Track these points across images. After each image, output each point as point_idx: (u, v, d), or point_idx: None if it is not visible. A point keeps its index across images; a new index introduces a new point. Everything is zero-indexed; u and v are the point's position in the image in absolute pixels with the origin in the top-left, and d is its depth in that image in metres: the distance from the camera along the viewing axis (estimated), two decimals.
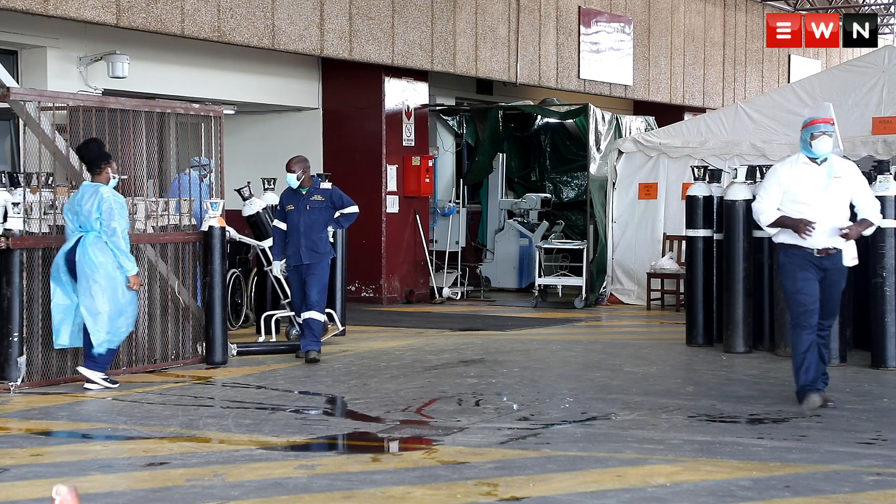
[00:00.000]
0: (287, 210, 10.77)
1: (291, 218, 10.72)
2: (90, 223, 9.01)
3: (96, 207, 8.98)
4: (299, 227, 10.70)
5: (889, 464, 6.58)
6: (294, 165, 10.76)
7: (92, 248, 9.00)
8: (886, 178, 10.26)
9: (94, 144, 9.25)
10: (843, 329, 10.34)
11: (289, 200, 10.81)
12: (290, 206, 10.77)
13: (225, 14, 13.53)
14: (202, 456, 6.81)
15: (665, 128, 16.88)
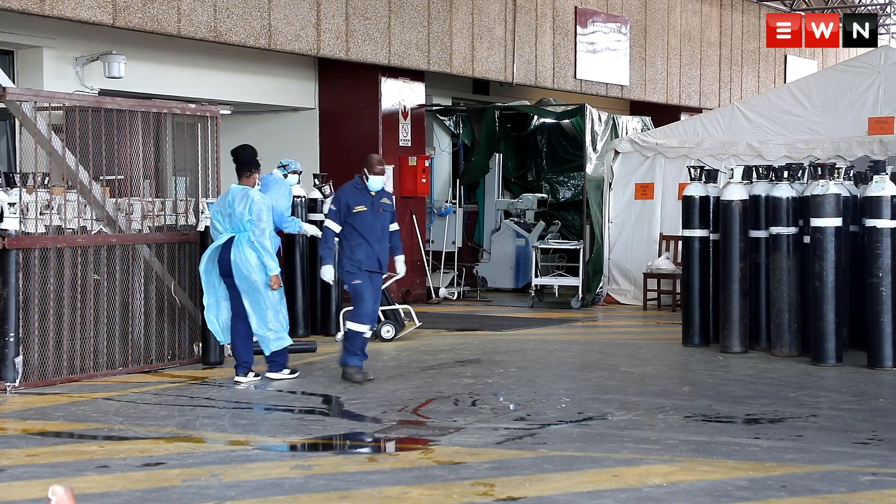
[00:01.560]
0: (356, 211, 9.68)
1: (363, 220, 9.67)
2: (242, 224, 9.47)
3: (248, 210, 9.45)
4: (375, 230, 9.70)
5: (885, 464, 6.59)
6: (381, 165, 9.84)
7: (247, 247, 9.47)
8: (882, 179, 10.26)
9: (250, 150, 9.92)
10: (839, 329, 10.35)
11: (358, 200, 9.72)
12: (360, 206, 9.69)
13: (221, 14, 13.52)
14: (198, 456, 6.81)
15: (661, 128, 16.88)
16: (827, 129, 14.77)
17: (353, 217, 9.67)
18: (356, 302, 9.63)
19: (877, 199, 10.19)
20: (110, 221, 9.95)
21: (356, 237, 9.67)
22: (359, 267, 9.64)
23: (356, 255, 9.66)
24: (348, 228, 9.69)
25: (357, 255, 9.66)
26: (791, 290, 10.76)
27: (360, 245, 9.66)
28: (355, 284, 9.63)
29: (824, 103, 14.90)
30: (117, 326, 9.89)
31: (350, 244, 9.68)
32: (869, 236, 10.28)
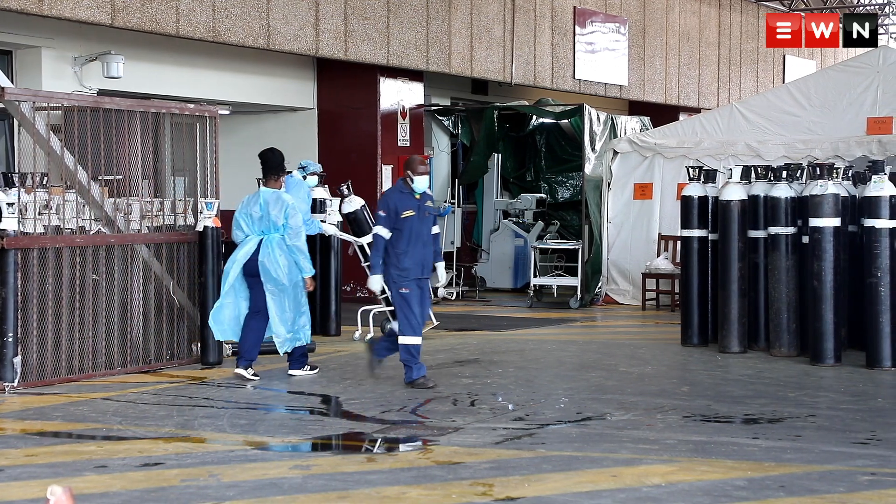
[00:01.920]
0: (404, 216, 9.27)
1: (411, 226, 9.27)
2: (275, 227, 9.62)
3: (284, 214, 9.62)
4: (422, 235, 9.34)
5: (884, 463, 6.59)
6: (424, 165, 9.47)
7: (277, 249, 9.60)
8: (881, 179, 10.26)
9: (278, 154, 10.04)
10: (837, 329, 10.35)
11: (405, 205, 9.30)
12: (408, 211, 9.28)
13: (220, 14, 13.52)
14: (197, 456, 6.81)
15: (660, 128, 16.88)
16: (825, 129, 14.77)
17: (400, 222, 9.26)
18: (403, 312, 9.24)
19: (875, 199, 10.19)
20: (109, 221, 9.94)
21: (403, 243, 9.28)
22: (406, 275, 9.26)
23: (403, 262, 9.26)
24: (396, 235, 9.27)
25: (404, 262, 9.26)
26: (790, 290, 10.76)
27: (407, 252, 9.27)
28: (404, 294, 9.24)
29: (823, 103, 14.90)
30: (116, 326, 9.88)
31: (397, 251, 9.26)
32: (867, 236, 10.28)
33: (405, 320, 9.26)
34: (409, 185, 9.36)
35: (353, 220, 12.35)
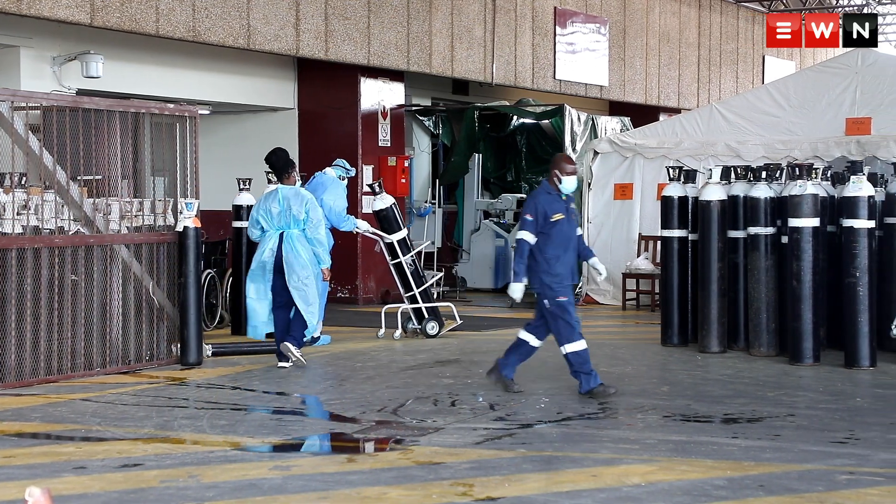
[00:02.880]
0: (553, 220, 8.78)
1: (560, 229, 8.79)
2: (296, 222, 10.09)
3: (305, 208, 10.09)
4: (571, 239, 8.88)
5: (862, 463, 6.62)
6: (573, 164, 9.03)
7: (298, 244, 10.08)
8: (860, 179, 10.31)
9: (281, 153, 10.46)
10: (816, 329, 10.39)
11: (554, 208, 8.81)
12: (557, 214, 8.78)
13: (200, 14, 13.49)
14: (177, 457, 6.79)
15: (640, 128, 16.93)
16: (805, 129, 14.83)
17: (549, 227, 8.75)
18: (564, 319, 8.74)
19: (854, 199, 10.24)
20: (88, 222, 9.91)
21: (553, 248, 8.76)
22: (561, 281, 8.77)
23: (555, 268, 8.76)
24: (543, 239, 8.75)
25: (556, 268, 8.75)
26: (769, 289, 10.80)
27: (558, 257, 8.77)
28: (561, 302, 8.75)
29: (802, 104, 14.97)
30: (95, 327, 9.85)
31: (546, 256, 8.75)
32: (846, 236, 10.33)
33: (567, 327, 8.74)
34: (556, 186, 8.84)
35: (382, 217, 12.45)
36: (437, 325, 12.38)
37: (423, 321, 12.33)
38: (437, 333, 12.33)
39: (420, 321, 12.37)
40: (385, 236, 12.41)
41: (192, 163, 10.71)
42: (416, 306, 12.33)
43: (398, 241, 12.30)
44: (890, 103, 14.33)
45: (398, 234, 12.33)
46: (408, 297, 12.30)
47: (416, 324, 12.36)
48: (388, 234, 12.41)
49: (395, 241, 12.30)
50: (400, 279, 12.38)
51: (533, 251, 8.80)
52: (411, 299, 12.29)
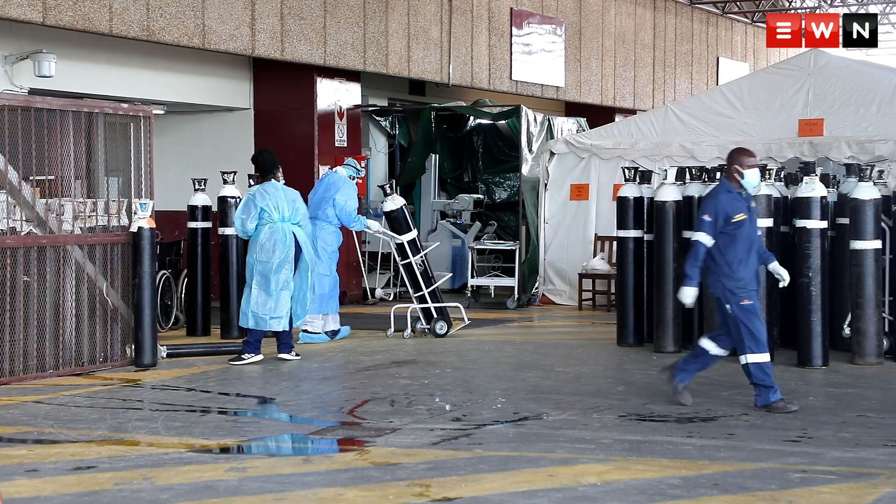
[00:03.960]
0: (735, 220, 8.29)
1: (743, 230, 8.29)
2: (296, 216, 10.77)
3: (300, 203, 10.86)
4: (755, 241, 8.41)
5: (815, 461, 6.69)
6: (754, 157, 8.53)
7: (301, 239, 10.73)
8: (812, 180, 10.41)
9: (268, 154, 11.09)
10: (770, 328, 10.47)
11: (736, 208, 8.32)
12: (739, 214, 8.30)
13: (154, 13, 13.39)
14: (131, 459, 6.74)
15: (596, 129, 16.99)
16: (758, 130, 14.96)
17: (731, 228, 8.27)
18: (748, 327, 8.28)
19: (806, 199, 10.34)
20: (40, 222, 9.81)
21: (735, 251, 8.27)
22: (745, 286, 8.29)
23: (739, 272, 8.27)
24: (724, 241, 8.26)
25: (740, 272, 8.27)
26: None
27: (741, 261, 8.28)
28: (746, 306, 8.27)
29: (756, 105, 15.09)
30: (48, 328, 9.75)
31: (728, 259, 8.27)
32: (799, 237, 10.43)
33: (750, 336, 8.26)
34: (737, 183, 8.36)
35: (393, 218, 12.58)
36: (445, 324, 12.50)
37: (432, 321, 12.45)
38: (445, 333, 12.44)
39: (429, 321, 12.49)
40: (395, 237, 12.55)
41: (147, 163, 10.63)
42: (425, 306, 12.50)
43: (408, 242, 12.46)
44: (841, 105, 14.49)
45: (408, 235, 12.49)
46: (417, 298, 12.48)
47: (425, 323, 12.49)
48: (398, 234, 12.55)
49: (405, 241, 12.45)
50: (409, 279, 12.54)
51: (712, 254, 8.32)
52: (420, 299, 12.47)
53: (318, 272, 11.62)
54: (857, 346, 10.41)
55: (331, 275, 12.09)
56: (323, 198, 12.21)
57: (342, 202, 12.04)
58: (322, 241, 12.05)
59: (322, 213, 12.13)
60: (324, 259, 12.01)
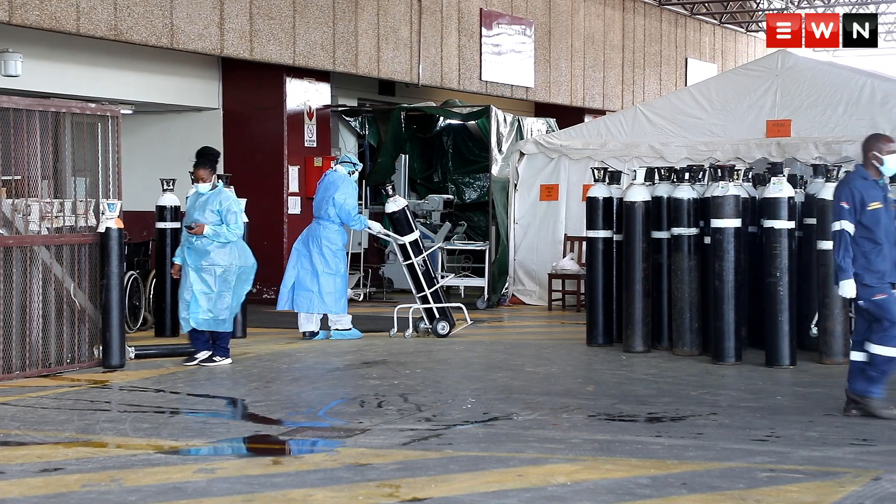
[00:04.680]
0: (871, 209, 7.98)
1: (878, 219, 7.99)
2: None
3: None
4: (890, 231, 8.04)
5: (782, 460, 6.73)
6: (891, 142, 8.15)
7: None
8: (780, 180, 10.47)
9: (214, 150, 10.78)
10: (738, 328, 10.53)
11: (871, 195, 8.02)
12: (875, 203, 8.00)
13: (122, 12, 13.32)
14: (98, 461, 6.70)
15: (566, 130, 17.03)
16: (726, 131, 15.04)
17: (866, 216, 7.96)
18: (883, 320, 7.93)
19: (774, 200, 10.39)
20: (7, 223, 9.73)
21: (870, 241, 7.98)
22: (880, 279, 7.95)
23: (875, 264, 7.94)
24: (859, 231, 7.98)
25: (876, 263, 7.94)
26: (692, 290, 10.92)
27: (875, 250, 7.97)
28: (879, 300, 7.93)
29: (724, 106, 15.18)
30: (14, 330, 9.67)
31: (863, 250, 7.98)
32: (767, 237, 10.48)
33: (880, 329, 7.96)
34: (874, 170, 8.07)
35: (396, 219, 12.64)
36: (447, 325, 12.56)
37: (434, 321, 12.53)
38: (447, 333, 12.50)
39: (431, 321, 12.56)
40: (398, 238, 12.61)
41: (115, 163, 10.57)
42: (428, 306, 12.56)
43: (410, 243, 12.54)
44: (809, 105, 14.59)
45: (410, 236, 12.58)
46: (419, 298, 12.56)
47: (428, 324, 12.56)
48: (400, 235, 12.62)
49: (407, 242, 12.52)
50: (412, 280, 12.61)
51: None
52: (423, 300, 12.54)
53: (324, 271, 12.05)
54: (824, 346, 10.48)
55: (336, 273, 12.22)
56: (323, 197, 12.38)
57: (341, 200, 12.17)
58: (326, 239, 12.23)
59: (324, 213, 12.30)
60: (328, 258, 12.20)
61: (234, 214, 10.36)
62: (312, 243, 12.26)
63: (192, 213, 10.45)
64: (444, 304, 12.69)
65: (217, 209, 10.36)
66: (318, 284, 12.16)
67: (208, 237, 10.29)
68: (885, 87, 14.51)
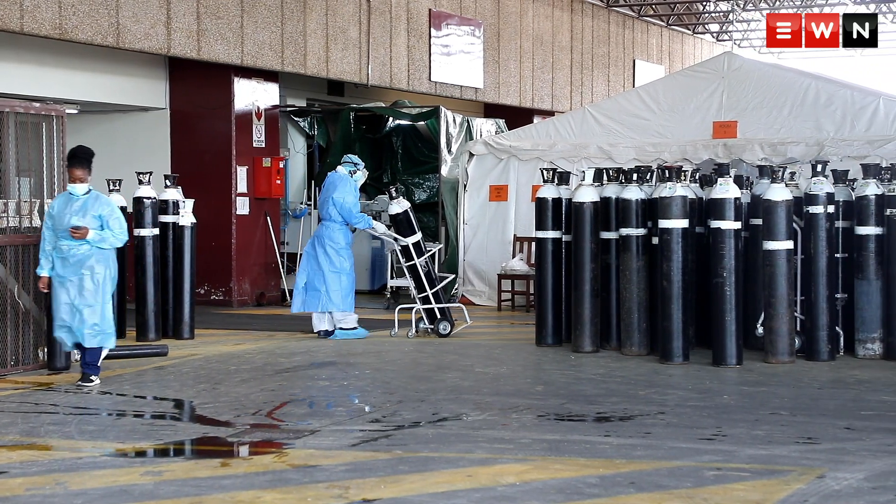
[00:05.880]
0: None
1: None
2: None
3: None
4: None
5: (729, 459, 6.78)
6: None
7: None
8: (726, 181, 10.56)
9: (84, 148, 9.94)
10: (685, 328, 10.61)
11: None
12: None
13: (67, 11, 13.17)
14: (43, 464, 6.62)
15: (515, 130, 17.08)
16: (674, 132, 15.16)
17: None
18: None
19: (721, 200, 10.48)
20: None
21: None
22: None
23: None
24: None
25: None
26: (640, 290, 10.99)
27: None
28: None
29: (671, 107, 15.30)
30: None
31: None
32: (714, 237, 10.57)
33: None
34: None
35: (399, 221, 12.77)
36: (448, 325, 12.70)
37: (436, 321, 12.66)
38: (448, 333, 12.62)
39: (432, 321, 12.69)
40: (401, 239, 12.72)
41: (60, 163, 10.45)
42: (429, 307, 12.68)
43: (413, 245, 12.67)
44: (754, 107, 14.75)
45: (413, 238, 12.70)
46: (421, 299, 12.69)
47: (428, 324, 12.69)
48: (403, 237, 12.73)
49: (409, 244, 12.65)
50: (414, 281, 12.74)
51: None
52: (424, 300, 12.67)
53: (330, 270, 12.32)
54: (770, 345, 10.59)
55: (342, 272, 12.44)
56: (325, 198, 12.62)
57: (340, 200, 12.40)
58: (329, 239, 12.48)
59: (326, 213, 12.57)
60: (333, 258, 12.42)
61: (117, 220, 9.60)
62: (318, 244, 12.54)
63: (66, 218, 9.45)
64: (444, 304, 12.87)
65: (99, 214, 9.50)
66: (325, 283, 12.39)
67: (92, 242, 9.42)
68: (829, 88, 14.70)
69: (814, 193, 10.69)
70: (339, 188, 12.49)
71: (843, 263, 10.97)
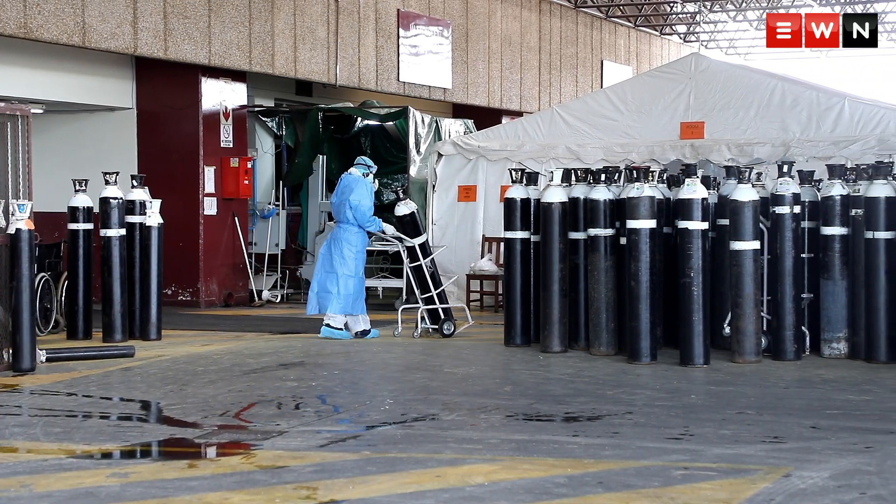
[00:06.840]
0: None
1: None
2: None
3: None
4: None
5: (696, 458, 6.82)
6: None
7: None
8: (693, 182, 10.61)
9: None
10: (653, 328, 10.65)
11: None
12: None
13: (32, 10, 13.07)
14: (7, 466, 6.56)
15: (483, 131, 17.10)
16: (642, 133, 15.22)
17: None
18: None
19: (688, 201, 10.53)
20: None
21: None
22: None
23: None
24: None
25: None
26: (608, 290, 11.02)
27: None
28: None
29: (639, 108, 15.35)
30: None
31: None
32: (681, 238, 10.61)
33: None
34: None
35: (406, 222, 12.85)
36: (451, 325, 12.78)
37: (441, 322, 12.76)
38: (451, 333, 12.69)
39: (435, 322, 12.78)
40: (407, 240, 12.81)
41: (25, 163, 10.39)
42: (433, 307, 12.79)
43: (419, 245, 12.78)
44: (721, 108, 14.83)
45: (419, 239, 12.84)
46: (424, 299, 12.78)
47: (431, 324, 12.77)
48: (410, 238, 12.82)
49: (416, 245, 12.76)
50: (418, 281, 12.85)
51: None
52: (428, 300, 12.77)
53: (344, 273, 12.37)
54: (736, 345, 10.64)
55: (356, 275, 12.53)
56: (341, 200, 12.67)
57: (356, 202, 12.48)
58: (346, 241, 12.53)
59: (343, 216, 12.62)
60: (348, 260, 12.47)
61: None
62: (334, 246, 12.60)
63: None
64: (447, 304, 13.02)
65: None
66: (337, 286, 12.46)
67: None
68: (795, 90, 14.81)
69: (780, 194, 10.76)
70: (357, 190, 12.55)
71: (809, 263, 11.05)
